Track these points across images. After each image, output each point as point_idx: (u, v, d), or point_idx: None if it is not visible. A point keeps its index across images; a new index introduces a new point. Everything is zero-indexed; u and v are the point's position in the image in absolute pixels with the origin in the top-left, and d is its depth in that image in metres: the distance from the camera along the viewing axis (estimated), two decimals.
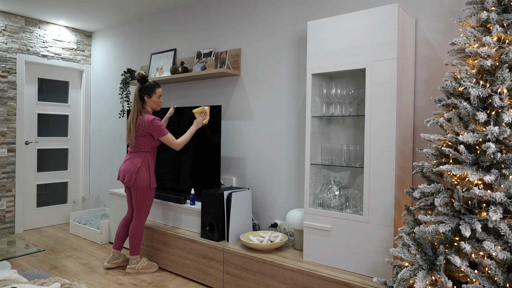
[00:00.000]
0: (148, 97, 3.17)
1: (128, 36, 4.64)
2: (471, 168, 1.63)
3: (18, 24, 4.46)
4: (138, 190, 3.14)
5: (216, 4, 3.67)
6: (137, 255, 3.23)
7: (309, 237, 2.54)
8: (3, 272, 1.65)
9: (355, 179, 2.69)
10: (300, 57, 3.06)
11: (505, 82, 1.64)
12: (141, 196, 3.15)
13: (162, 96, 3.42)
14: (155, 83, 3.20)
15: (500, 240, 1.55)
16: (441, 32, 2.39)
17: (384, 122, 2.23)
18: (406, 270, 1.66)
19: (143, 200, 3.17)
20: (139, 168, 3.13)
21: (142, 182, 3.13)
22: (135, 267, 3.21)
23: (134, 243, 3.20)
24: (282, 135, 3.16)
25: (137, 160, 3.15)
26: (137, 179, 3.12)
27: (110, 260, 3.32)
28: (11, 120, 4.42)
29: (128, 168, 3.16)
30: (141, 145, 3.17)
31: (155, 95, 3.18)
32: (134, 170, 3.12)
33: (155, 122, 3.09)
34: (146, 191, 3.16)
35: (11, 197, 4.42)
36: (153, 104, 3.21)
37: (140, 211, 3.19)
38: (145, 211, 3.21)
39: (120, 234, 3.33)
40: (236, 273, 2.75)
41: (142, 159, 3.16)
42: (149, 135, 3.15)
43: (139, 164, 3.14)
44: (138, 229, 3.20)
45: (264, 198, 3.27)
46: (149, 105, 3.21)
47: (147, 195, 3.17)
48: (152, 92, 3.17)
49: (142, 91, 3.17)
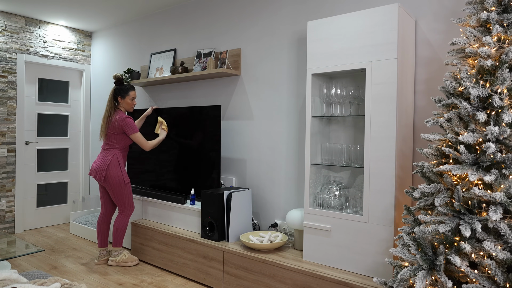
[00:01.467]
0: (122, 98, 3.38)
1: (128, 36, 4.64)
2: (471, 168, 1.63)
3: (18, 24, 4.46)
4: (112, 187, 3.29)
5: (216, 4, 3.67)
6: (119, 247, 3.39)
7: (309, 237, 2.54)
8: (3, 272, 1.65)
9: (355, 179, 2.69)
10: (300, 57, 3.06)
11: (505, 82, 1.64)
12: (117, 191, 3.31)
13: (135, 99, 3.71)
14: (129, 86, 3.41)
15: (500, 240, 1.55)
16: (441, 32, 2.39)
17: (384, 122, 2.23)
18: (406, 270, 1.66)
19: (121, 195, 3.32)
20: (109, 165, 3.28)
21: (114, 179, 3.28)
22: (115, 260, 3.37)
23: (117, 236, 3.36)
24: (282, 135, 3.16)
25: (107, 158, 3.31)
26: (107, 176, 3.26)
27: (99, 258, 3.45)
28: (11, 120, 4.42)
29: (98, 166, 3.31)
30: (113, 143, 3.34)
31: (128, 97, 3.38)
32: (104, 167, 3.27)
33: (127, 120, 3.29)
34: (120, 186, 3.30)
35: (11, 197, 4.42)
36: (126, 105, 3.41)
37: (122, 206, 3.36)
38: (128, 205, 3.37)
39: (100, 232, 3.47)
40: (236, 273, 2.75)
41: (112, 156, 3.31)
42: (122, 133, 3.33)
43: (109, 162, 3.29)
44: (123, 223, 3.37)
45: (264, 198, 3.27)
46: (122, 106, 3.40)
47: (124, 190, 3.32)
48: (125, 94, 3.38)
49: (116, 92, 3.38)
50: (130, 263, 3.39)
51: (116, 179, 3.27)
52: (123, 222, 3.36)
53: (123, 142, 3.36)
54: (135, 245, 3.56)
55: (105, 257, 3.45)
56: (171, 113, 3.65)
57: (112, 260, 3.36)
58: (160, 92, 4.21)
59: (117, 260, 3.36)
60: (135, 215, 3.76)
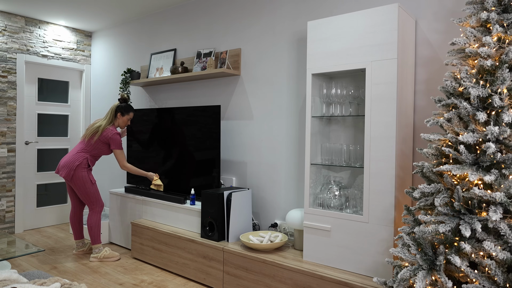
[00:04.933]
0: (121, 115, 3.62)
1: (128, 36, 4.64)
2: (471, 168, 1.63)
3: (18, 24, 4.46)
4: (77, 186, 3.44)
5: (216, 4, 3.67)
6: (99, 244, 3.52)
7: (309, 237, 2.54)
8: (3, 272, 1.65)
9: (355, 179, 2.69)
10: (300, 57, 3.06)
11: (505, 82, 1.64)
12: (82, 190, 3.45)
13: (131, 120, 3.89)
14: (131, 107, 3.67)
15: (500, 240, 1.55)
16: (441, 32, 2.39)
17: (384, 122, 2.23)
18: (406, 270, 1.66)
19: (86, 193, 3.47)
20: (78, 166, 3.42)
21: (79, 178, 3.42)
22: (97, 256, 3.49)
23: (92, 234, 3.50)
24: (282, 135, 3.16)
25: (78, 158, 3.45)
26: (74, 176, 3.41)
27: (76, 249, 3.70)
28: (11, 120, 4.42)
29: (66, 164, 3.44)
30: (91, 148, 3.52)
31: (127, 116, 3.64)
32: (73, 167, 3.41)
33: (117, 136, 3.54)
34: (85, 185, 3.44)
35: (11, 197, 4.42)
36: (121, 122, 3.64)
37: (91, 203, 3.50)
38: (96, 202, 3.51)
39: (73, 227, 3.66)
40: (236, 273, 2.75)
41: (83, 158, 3.46)
42: (106, 144, 3.54)
43: (78, 163, 3.43)
44: (94, 219, 3.50)
45: (264, 198, 3.27)
46: (118, 121, 3.63)
47: (89, 189, 3.47)
48: (126, 112, 3.63)
49: (119, 108, 3.62)
50: (112, 258, 3.51)
51: (81, 179, 3.43)
52: (95, 219, 3.50)
53: (100, 151, 3.56)
54: (135, 245, 3.56)
55: (81, 248, 3.69)
56: (171, 113, 3.65)
57: (94, 257, 3.49)
58: (160, 92, 4.21)
59: (98, 257, 3.48)
60: (135, 215, 3.77)
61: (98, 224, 3.51)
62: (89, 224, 3.50)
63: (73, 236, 3.70)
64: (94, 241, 3.51)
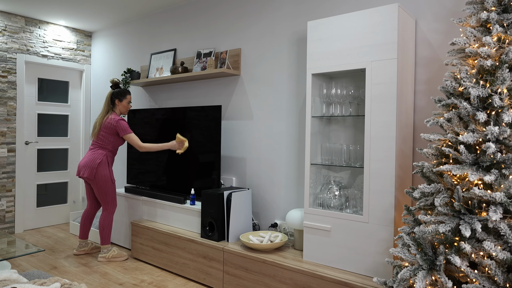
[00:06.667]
0: (119, 101, 3.50)
1: (128, 36, 4.64)
2: (471, 168, 1.63)
3: (18, 24, 4.46)
4: (98, 185, 3.40)
5: (216, 4, 3.67)
6: (108, 245, 3.52)
7: (309, 237, 2.54)
8: (3, 272, 1.65)
9: (355, 179, 2.69)
10: (300, 57, 3.06)
11: (505, 82, 1.64)
12: (102, 189, 3.42)
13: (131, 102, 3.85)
14: (126, 90, 3.56)
15: (500, 240, 1.55)
16: (441, 32, 2.39)
17: (384, 122, 2.23)
18: (406, 270, 1.66)
19: (105, 193, 3.44)
20: (99, 164, 3.39)
21: (102, 177, 3.39)
22: (105, 256, 3.49)
23: (103, 234, 3.49)
24: (282, 135, 3.16)
25: (97, 157, 3.41)
26: (97, 175, 3.38)
27: (78, 248, 3.66)
28: (11, 120, 4.42)
29: (87, 164, 3.40)
30: (104, 143, 3.45)
31: (125, 100, 3.52)
32: (94, 166, 3.38)
33: (121, 122, 3.41)
34: (106, 184, 3.42)
35: (11, 197, 4.42)
36: (122, 108, 3.53)
37: (106, 204, 3.48)
38: (111, 203, 3.49)
39: (83, 226, 3.63)
40: (236, 273, 2.75)
41: (102, 156, 3.42)
42: (114, 134, 3.45)
43: (99, 160, 3.39)
44: (107, 220, 3.49)
45: (264, 198, 3.27)
46: (118, 108, 3.52)
47: (109, 188, 3.45)
48: (123, 97, 3.51)
49: (114, 95, 3.50)
50: (120, 258, 3.51)
51: (103, 178, 3.40)
52: (108, 220, 3.49)
53: (114, 144, 3.48)
54: (135, 245, 3.56)
55: (83, 248, 3.66)
56: (171, 113, 3.65)
57: (102, 256, 3.49)
58: (160, 92, 4.21)
59: (107, 256, 3.48)
60: (135, 215, 3.77)
61: (110, 225, 3.50)
62: (101, 223, 3.48)
63: (79, 234, 3.66)
64: (104, 242, 3.50)
